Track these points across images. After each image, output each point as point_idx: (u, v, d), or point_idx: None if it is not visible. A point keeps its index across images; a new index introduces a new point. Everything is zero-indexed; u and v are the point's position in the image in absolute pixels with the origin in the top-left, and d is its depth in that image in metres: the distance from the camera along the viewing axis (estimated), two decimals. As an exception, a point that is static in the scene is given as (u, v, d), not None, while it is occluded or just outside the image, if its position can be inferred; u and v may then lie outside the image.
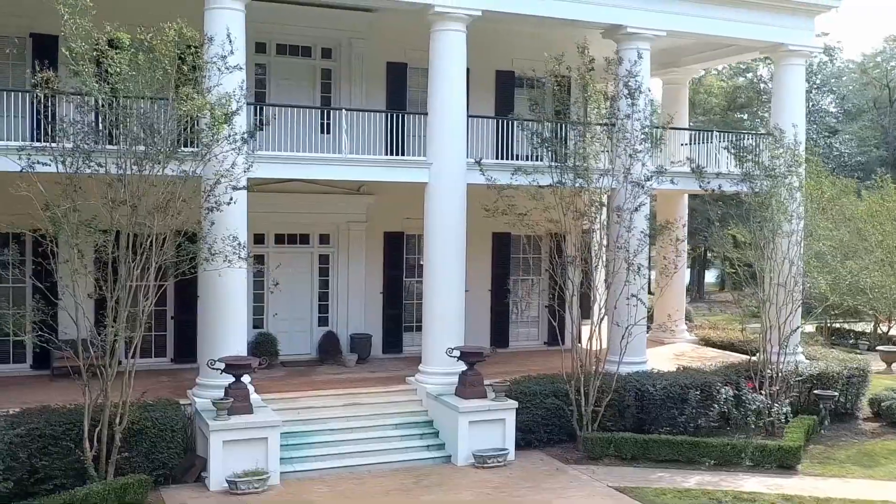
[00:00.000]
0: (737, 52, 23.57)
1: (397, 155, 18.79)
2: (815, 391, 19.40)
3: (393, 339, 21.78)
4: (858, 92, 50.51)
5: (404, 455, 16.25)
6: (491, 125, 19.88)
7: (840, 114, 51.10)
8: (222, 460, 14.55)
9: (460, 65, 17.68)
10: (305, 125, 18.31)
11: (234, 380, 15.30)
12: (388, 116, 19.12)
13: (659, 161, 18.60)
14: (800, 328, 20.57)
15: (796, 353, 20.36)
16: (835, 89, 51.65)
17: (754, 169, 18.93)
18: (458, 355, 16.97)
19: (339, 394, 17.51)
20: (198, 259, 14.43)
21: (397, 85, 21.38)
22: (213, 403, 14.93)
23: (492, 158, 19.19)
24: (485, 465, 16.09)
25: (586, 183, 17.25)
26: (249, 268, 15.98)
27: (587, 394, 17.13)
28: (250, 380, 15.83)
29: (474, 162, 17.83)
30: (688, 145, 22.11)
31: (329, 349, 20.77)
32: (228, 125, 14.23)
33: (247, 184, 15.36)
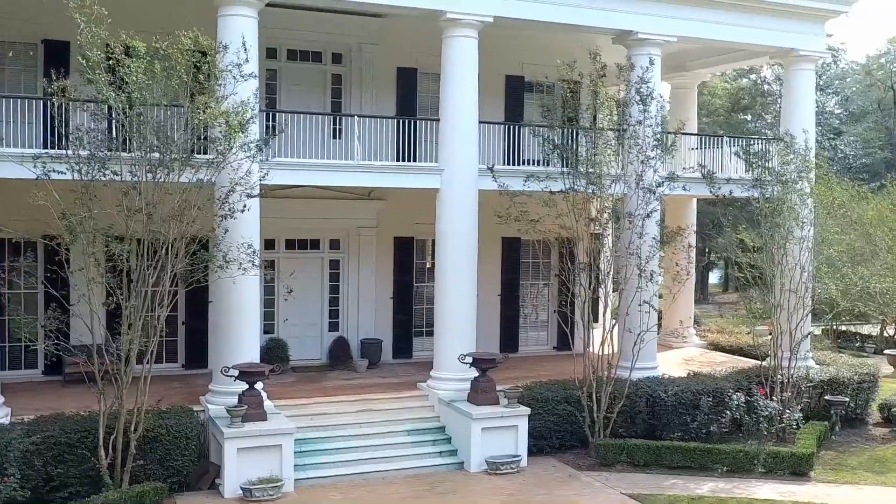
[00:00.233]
0: (746, 57, 23.56)
1: (408, 160, 18.81)
2: (826, 397, 19.40)
3: (403, 345, 21.78)
4: (862, 93, 50.47)
5: (417, 462, 16.26)
6: (500, 130, 19.90)
7: (844, 115, 51.10)
8: (237, 467, 14.56)
9: (472, 71, 17.69)
10: (316, 131, 18.31)
11: (247, 387, 15.31)
12: (400, 122, 19.13)
13: (670, 167, 18.61)
14: (810, 334, 20.56)
15: (807, 358, 20.37)
16: (839, 91, 51.63)
17: (765, 174, 18.94)
18: (471, 362, 16.99)
19: (352, 400, 17.53)
20: (212, 267, 14.46)
21: (407, 90, 21.40)
22: (228, 410, 14.94)
23: (501, 163, 19.23)
24: (498, 471, 16.10)
25: (598, 189, 17.27)
26: (263, 275, 15.99)
27: (599, 400, 17.14)
28: (262, 386, 15.85)
29: (486, 168, 17.84)
30: (697, 149, 22.12)
31: (340, 354, 20.78)
32: (244, 133, 14.24)
33: (261, 191, 15.36)
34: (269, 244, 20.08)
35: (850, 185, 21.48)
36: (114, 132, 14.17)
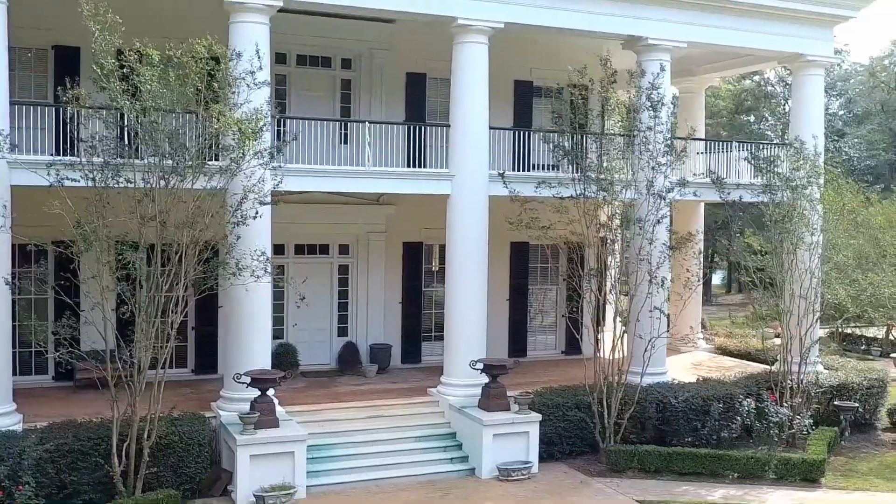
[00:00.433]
0: (754, 62, 23.55)
1: (417, 166, 18.81)
2: (836, 402, 19.39)
3: (411, 349, 21.79)
4: (866, 95, 50.47)
5: (428, 468, 16.27)
6: (509, 135, 19.89)
7: (847, 116, 51.09)
8: (249, 475, 14.56)
9: (482, 77, 17.69)
10: (326, 136, 18.30)
11: (259, 393, 15.31)
12: (410, 128, 19.11)
13: (680, 172, 18.60)
14: (819, 339, 20.57)
15: (816, 363, 20.37)
16: (842, 92, 51.61)
17: (775, 180, 18.93)
18: (482, 368, 16.99)
19: (362, 406, 17.54)
20: (225, 274, 14.44)
21: (417, 95, 21.40)
22: (240, 417, 14.93)
23: (510, 169, 19.21)
24: (509, 478, 16.10)
25: (610, 195, 17.26)
26: (274, 281, 15.99)
27: (610, 406, 17.14)
28: (273, 392, 15.85)
29: (497, 174, 17.83)
30: (704, 154, 22.11)
31: (349, 359, 20.78)
32: (257, 141, 14.24)
33: (273, 199, 15.35)
34: (278, 249, 20.03)
35: (855, 186, 21.45)
36: (126, 139, 14.18)
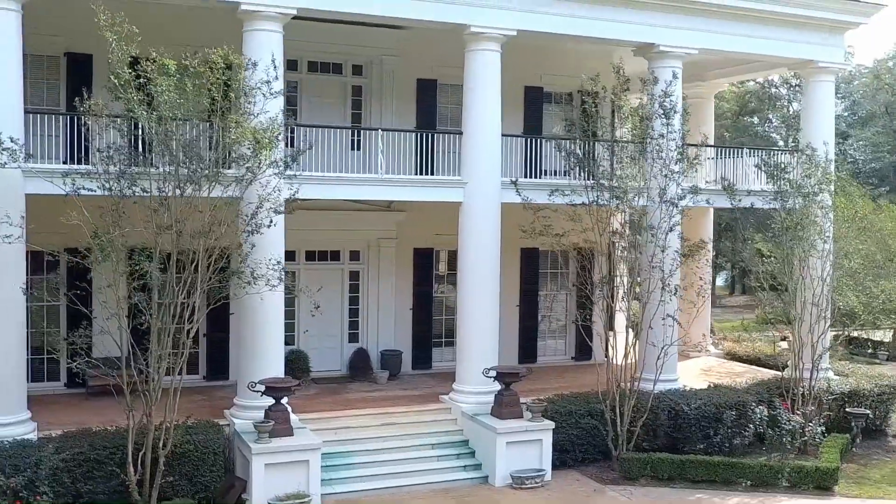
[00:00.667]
0: (765, 68, 23.57)
1: (428, 173, 18.82)
2: (847, 409, 19.40)
3: (422, 355, 21.78)
4: (870, 97, 50.44)
5: (442, 476, 16.28)
6: (520, 142, 19.90)
7: (852, 118, 51.06)
8: (264, 483, 14.57)
9: (495, 84, 17.70)
10: (337, 143, 18.29)
11: (273, 402, 15.32)
12: (422, 135, 19.11)
13: (692, 179, 18.60)
14: (831, 346, 20.56)
15: (827, 370, 20.38)
16: (847, 95, 51.57)
17: (786, 186, 18.93)
18: (495, 375, 16.99)
19: (375, 413, 17.55)
20: (240, 282, 14.43)
21: (427, 101, 21.39)
22: (255, 426, 14.94)
23: (521, 175, 19.22)
24: (522, 486, 16.11)
25: (623, 203, 17.27)
26: (287, 288, 15.99)
27: (622, 413, 17.14)
28: (287, 400, 15.85)
29: (510, 182, 17.83)
30: (714, 159, 22.11)
31: (360, 366, 20.78)
32: (272, 150, 14.24)
33: (287, 208, 15.34)
34: (289, 256, 19.90)
35: (862, 190, 21.41)
36: (141, 148, 14.18)
